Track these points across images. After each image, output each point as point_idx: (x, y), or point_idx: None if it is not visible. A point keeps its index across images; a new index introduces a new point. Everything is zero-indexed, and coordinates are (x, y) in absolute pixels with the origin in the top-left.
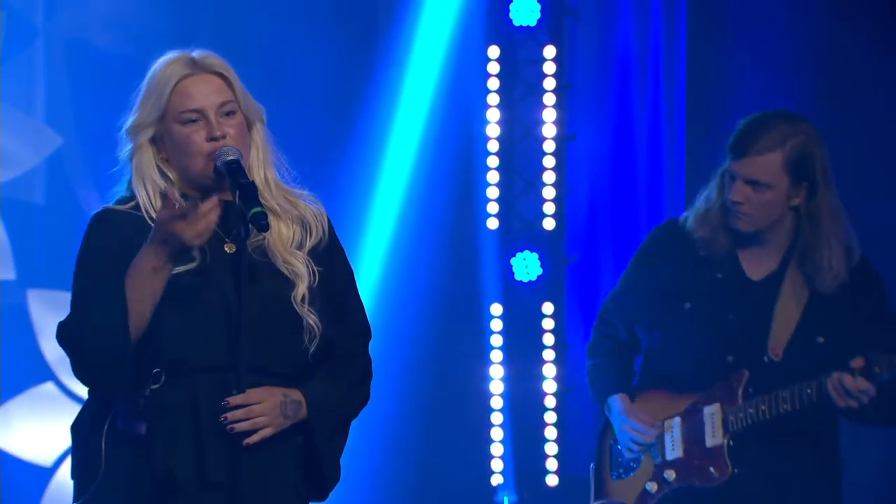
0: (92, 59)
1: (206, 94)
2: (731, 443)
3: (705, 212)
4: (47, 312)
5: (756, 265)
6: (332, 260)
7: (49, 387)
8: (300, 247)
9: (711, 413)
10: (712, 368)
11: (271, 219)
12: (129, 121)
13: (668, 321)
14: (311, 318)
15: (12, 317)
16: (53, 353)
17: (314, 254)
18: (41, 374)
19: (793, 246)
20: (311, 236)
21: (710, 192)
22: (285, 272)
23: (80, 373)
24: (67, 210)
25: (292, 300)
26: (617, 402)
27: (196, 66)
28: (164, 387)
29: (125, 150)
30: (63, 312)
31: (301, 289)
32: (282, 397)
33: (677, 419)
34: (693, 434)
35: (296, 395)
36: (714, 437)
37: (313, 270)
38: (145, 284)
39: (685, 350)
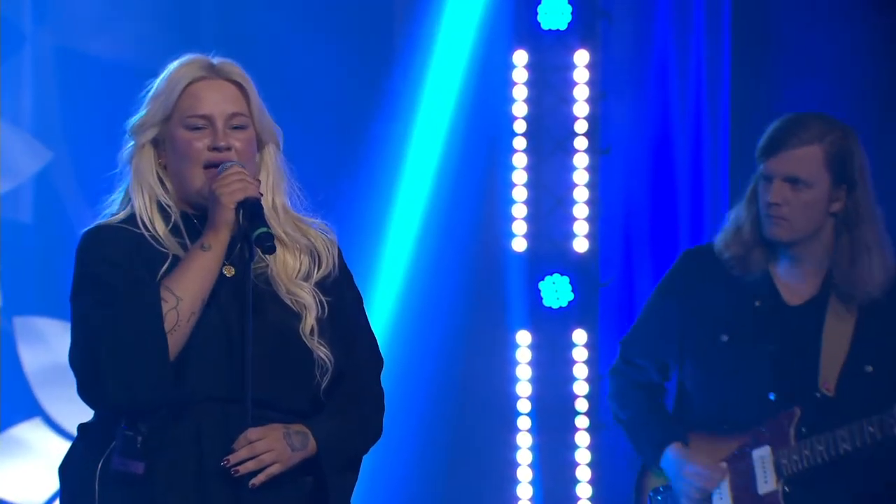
0: (85, 67)
1: (217, 101)
2: (787, 489)
3: (735, 230)
4: (35, 342)
5: (794, 288)
6: (340, 289)
7: (37, 423)
8: (307, 278)
9: (761, 457)
10: (754, 407)
11: (277, 247)
12: (135, 118)
13: (703, 356)
14: (321, 352)
15: None
16: (41, 386)
17: (322, 285)
18: (28, 410)
19: (834, 265)
20: (319, 268)
21: (738, 210)
22: (289, 303)
23: (114, 393)
24: (58, 230)
25: (300, 332)
26: (672, 451)
27: (212, 71)
28: (165, 422)
29: (125, 149)
30: (54, 341)
31: (309, 320)
32: (283, 429)
33: (724, 466)
34: (742, 481)
35: (299, 427)
36: (766, 483)
37: (321, 301)
38: (196, 272)
39: (723, 388)
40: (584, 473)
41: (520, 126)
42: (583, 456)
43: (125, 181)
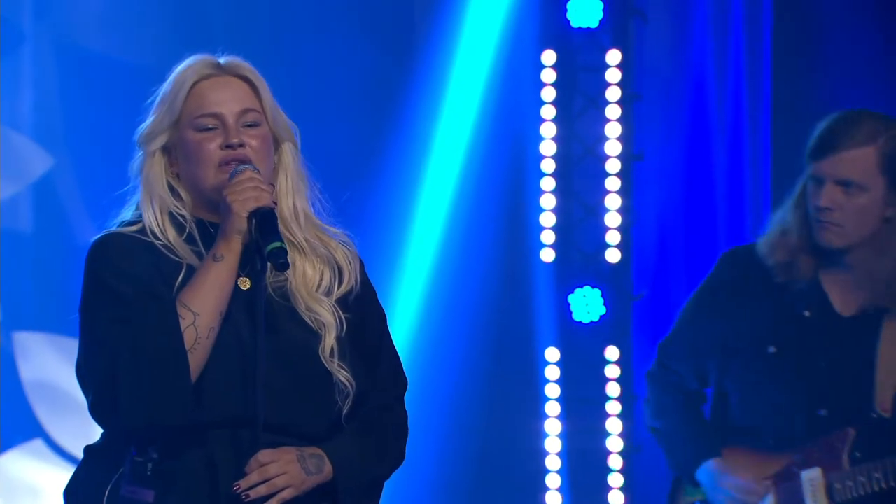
0: (88, 67)
1: (226, 99)
2: None
3: (781, 235)
4: (36, 359)
5: (846, 297)
6: (362, 306)
7: (38, 444)
8: (328, 293)
9: (811, 479)
10: (802, 423)
11: (296, 257)
12: (141, 128)
13: (748, 367)
14: (342, 375)
15: None
16: (43, 405)
17: (343, 302)
18: (28, 430)
19: (889, 274)
20: (341, 283)
21: (784, 213)
22: (308, 321)
23: (131, 413)
24: (59, 240)
25: (319, 353)
26: (711, 462)
27: (219, 69)
28: (176, 447)
29: (135, 161)
30: (56, 357)
31: (329, 340)
32: (297, 452)
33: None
34: (789, 502)
35: (314, 450)
36: None
37: (341, 318)
38: (211, 285)
39: (769, 401)
40: (616, 498)
41: (548, 130)
42: (615, 480)
43: (136, 197)
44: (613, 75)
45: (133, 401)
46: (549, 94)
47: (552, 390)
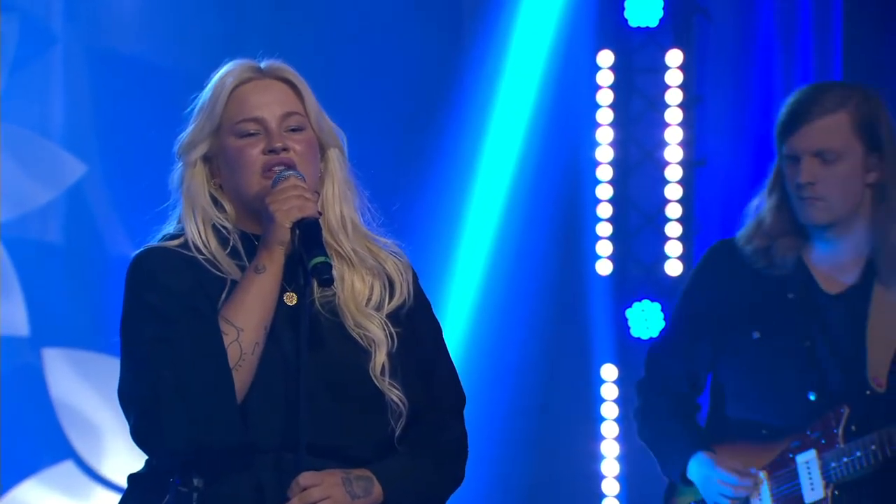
0: (122, 70)
1: (267, 102)
2: (837, 493)
3: (757, 223)
4: (66, 376)
5: (832, 276)
6: (415, 319)
7: (68, 467)
8: (378, 308)
9: (806, 462)
10: (793, 409)
11: (344, 270)
12: (181, 137)
13: (735, 356)
14: (394, 394)
15: (24, 381)
16: (74, 426)
17: (395, 316)
18: (59, 451)
19: (874, 244)
20: (392, 296)
21: (760, 200)
22: (357, 338)
23: (176, 436)
24: (91, 252)
25: (370, 372)
26: (699, 457)
27: (260, 72)
28: (222, 474)
29: (175, 173)
30: (88, 375)
31: (380, 358)
32: (343, 475)
33: (762, 475)
34: (785, 489)
35: (361, 471)
36: (814, 490)
37: (391, 334)
38: (254, 298)
39: (758, 390)
40: None
41: (604, 135)
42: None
43: (178, 207)
44: (674, 77)
45: (177, 423)
46: (605, 96)
47: (609, 410)
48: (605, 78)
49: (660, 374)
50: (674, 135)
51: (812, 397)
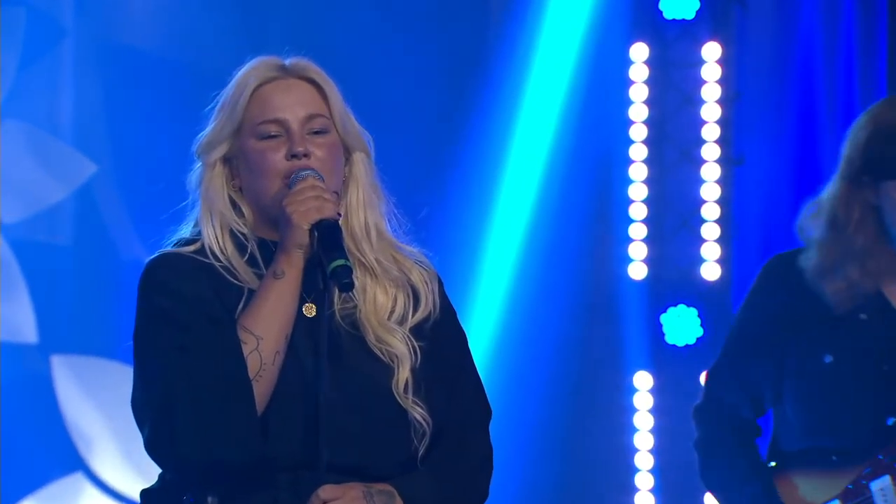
0: (134, 65)
1: (290, 103)
2: None
3: (837, 265)
4: (76, 385)
5: None
6: (440, 331)
7: (78, 479)
8: (401, 321)
9: (882, 489)
10: (868, 435)
11: (367, 281)
12: (200, 136)
13: (805, 381)
14: (417, 412)
15: (32, 390)
16: (84, 437)
17: (419, 329)
18: (68, 464)
19: None
20: (416, 309)
21: (835, 241)
22: (379, 353)
23: (192, 450)
24: (101, 255)
25: (393, 389)
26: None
27: (284, 71)
28: (238, 491)
29: (193, 174)
30: (99, 383)
31: (403, 374)
32: (364, 489)
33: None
34: None
35: (383, 486)
36: None
37: (415, 348)
38: (273, 305)
39: (831, 415)
40: None
41: (638, 132)
42: None
43: (195, 210)
44: (711, 71)
45: (193, 436)
46: (639, 92)
47: (643, 420)
48: (638, 72)
49: (720, 401)
50: (711, 132)
51: (890, 422)
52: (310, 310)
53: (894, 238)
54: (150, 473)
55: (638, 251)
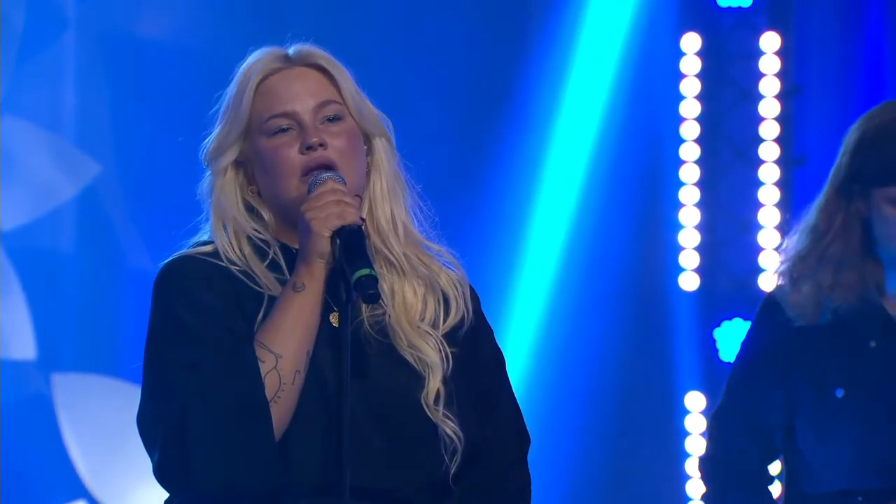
0: (140, 58)
1: (298, 93)
2: None
3: (829, 280)
4: (79, 405)
5: None
6: (476, 343)
7: None
8: (434, 325)
9: None
10: (891, 472)
11: (394, 280)
12: (206, 143)
13: (817, 417)
14: (448, 427)
15: (31, 411)
16: (86, 461)
17: (452, 336)
18: (70, 491)
19: None
20: (448, 314)
21: (823, 256)
22: (411, 360)
23: (203, 475)
24: (105, 262)
25: (422, 401)
26: None
27: (288, 61)
28: None
29: (204, 182)
30: (103, 403)
31: (433, 384)
32: None
33: None
34: None
35: None
36: None
37: (447, 355)
38: (293, 320)
39: (847, 452)
40: None
41: (690, 130)
42: None
43: (209, 220)
44: (770, 64)
45: (206, 461)
46: (691, 86)
47: (695, 445)
48: (690, 65)
49: (727, 450)
50: (769, 130)
51: None
52: (337, 318)
53: (882, 250)
54: (158, 501)
55: (689, 260)
